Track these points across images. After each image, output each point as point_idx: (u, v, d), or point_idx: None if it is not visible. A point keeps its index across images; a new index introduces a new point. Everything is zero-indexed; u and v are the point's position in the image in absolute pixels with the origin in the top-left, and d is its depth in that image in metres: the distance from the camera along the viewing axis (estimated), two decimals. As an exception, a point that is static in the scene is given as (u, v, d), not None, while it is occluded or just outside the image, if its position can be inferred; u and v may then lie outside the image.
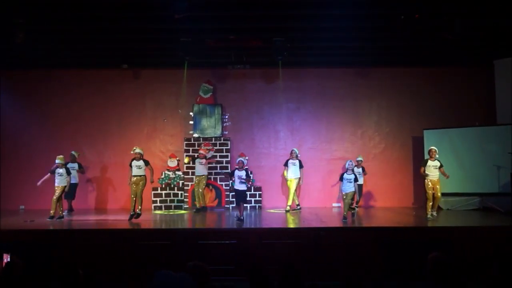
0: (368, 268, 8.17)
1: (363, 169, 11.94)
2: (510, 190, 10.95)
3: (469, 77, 13.27)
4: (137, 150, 10.51)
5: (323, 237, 8.75)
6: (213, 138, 12.97)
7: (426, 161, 10.35)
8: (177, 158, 12.96)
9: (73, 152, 12.05)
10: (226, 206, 12.53)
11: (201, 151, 12.08)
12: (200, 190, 11.94)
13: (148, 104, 13.54)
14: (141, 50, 11.88)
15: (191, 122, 13.18)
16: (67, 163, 11.39)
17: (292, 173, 12.02)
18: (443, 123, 12.72)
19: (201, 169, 11.98)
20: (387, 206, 12.21)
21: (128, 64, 12.97)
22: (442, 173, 10.27)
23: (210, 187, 12.59)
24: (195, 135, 13.06)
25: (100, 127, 13.37)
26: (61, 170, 10.65)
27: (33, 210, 12.23)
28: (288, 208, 11.93)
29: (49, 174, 10.83)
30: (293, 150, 12.19)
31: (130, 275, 7.82)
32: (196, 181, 12.01)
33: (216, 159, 12.58)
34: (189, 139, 13.00)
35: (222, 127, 13.21)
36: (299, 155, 12.19)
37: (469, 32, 9.25)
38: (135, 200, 10.28)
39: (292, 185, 11.96)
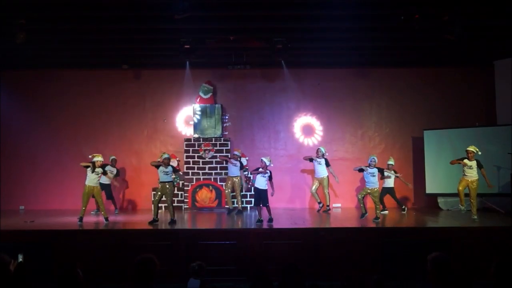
0: (368, 268, 8.17)
1: (395, 171, 11.77)
2: (510, 191, 10.95)
3: (469, 77, 13.27)
4: (165, 156, 10.36)
5: (324, 237, 8.77)
6: (213, 139, 12.97)
7: (463, 158, 10.04)
8: (177, 159, 12.95)
9: (113, 157, 12.18)
10: (226, 206, 12.52)
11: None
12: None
13: (148, 105, 13.55)
14: (142, 50, 11.88)
15: (191, 123, 13.19)
16: (106, 165, 11.47)
17: (317, 173, 12.05)
18: (443, 124, 12.74)
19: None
20: (387, 206, 12.16)
21: (129, 65, 12.98)
22: (483, 176, 9.93)
23: (210, 187, 12.58)
24: (195, 135, 13.06)
25: (101, 128, 13.37)
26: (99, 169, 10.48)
27: (33, 210, 12.24)
28: (327, 207, 11.95)
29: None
30: (319, 148, 12.16)
31: (130, 275, 7.83)
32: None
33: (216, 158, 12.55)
34: (189, 140, 13.00)
35: (222, 127, 13.21)
36: (326, 154, 12.18)
37: (469, 32, 9.25)
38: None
39: (323, 184, 11.97)
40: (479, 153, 9.96)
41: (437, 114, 13.09)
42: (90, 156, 10.56)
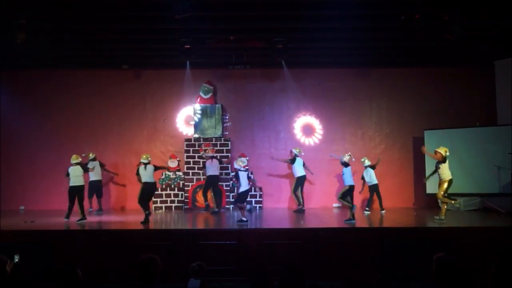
0: (368, 268, 8.16)
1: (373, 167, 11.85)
2: (510, 191, 10.94)
3: (469, 77, 13.27)
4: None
5: (324, 237, 8.76)
6: (214, 139, 12.97)
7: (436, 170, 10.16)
8: (178, 159, 12.97)
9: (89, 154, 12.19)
10: (226, 206, 12.54)
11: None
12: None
13: (149, 105, 13.55)
14: (142, 51, 11.88)
15: (192, 123, 13.20)
16: (87, 162, 11.62)
17: (294, 173, 12.15)
18: (443, 124, 12.74)
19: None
20: (388, 206, 12.17)
21: (129, 65, 12.98)
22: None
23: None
24: (196, 135, 13.06)
25: (101, 128, 13.37)
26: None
27: (33, 210, 12.24)
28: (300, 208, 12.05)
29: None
30: (291, 150, 12.23)
31: (130, 275, 7.82)
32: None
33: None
34: (189, 140, 13.01)
35: (223, 127, 13.21)
36: (295, 153, 12.24)
37: (469, 32, 9.25)
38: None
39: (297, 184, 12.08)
40: (447, 153, 10.05)
41: (437, 114, 13.08)
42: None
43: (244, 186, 10.18)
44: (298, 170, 12.03)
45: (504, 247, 8.04)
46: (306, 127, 13.56)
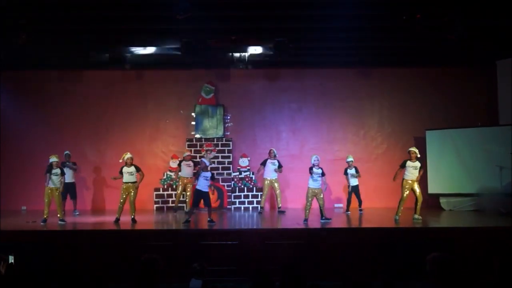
0: (369, 268, 8.15)
1: (356, 170, 11.86)
2: (511, 191, 10.91)
3: (471, 77, 13.26)
4: (128, 156, 10.42)
5: (325, 237, 8.77)
6: (215, 139, 12.98)
7: (405, 162, 10.18)
8: (180, 159, 12.96)
9: (67, 152, 12.03)
10: (228, 206, 12.55)
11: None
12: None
13: (150, 105, 13.56)
14: (143, 50, 11.85)
15: (193, 123, 13.20)
16: (63, 162, 11.47)
17: (271, 174, 11.97)
18: (445, 124, 12.74)
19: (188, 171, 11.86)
20: (389, 206, 12.14)
21: (130, 65, 12.96)
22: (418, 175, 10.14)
23: (212, 187, 12.56)
24: (197, 135, 13.07)
25: (102, 128, 13.40)
26: (57, 170, 10.33)
27: (34, 210, 12.24)
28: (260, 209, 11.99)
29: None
30: (271, 149, 12.15)
31: (131, 276, 7.83)
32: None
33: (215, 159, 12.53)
34: (191, 140, 13.01)
35: (224, 127, 13.22)
36: (277, 155, 12.14)
37: (471, 32, 9.23)
38: (122, 207, 10.33)
39: (275, 186, 11.96)
40: (419, 155, 10.18)
41: (439, 114, 13.08)
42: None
43: (199, 184, 10.07)
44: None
45: (504, 247, 8.03)
46: (308, 127, 13.54)
